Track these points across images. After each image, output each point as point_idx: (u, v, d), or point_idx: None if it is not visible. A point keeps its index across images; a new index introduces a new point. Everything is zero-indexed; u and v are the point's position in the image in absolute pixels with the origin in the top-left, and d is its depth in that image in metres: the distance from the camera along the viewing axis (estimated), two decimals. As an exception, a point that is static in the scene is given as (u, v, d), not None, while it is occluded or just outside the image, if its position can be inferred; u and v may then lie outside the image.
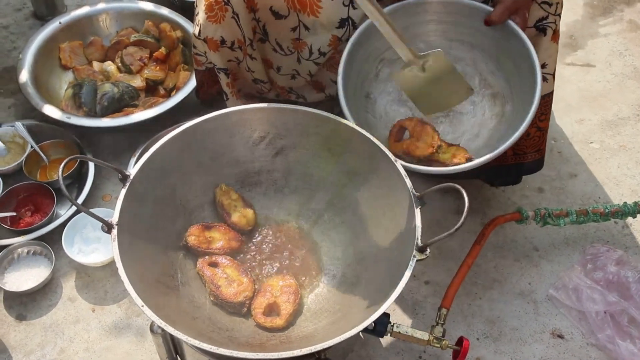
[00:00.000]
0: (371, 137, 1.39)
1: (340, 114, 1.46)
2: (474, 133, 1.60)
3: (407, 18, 1.58)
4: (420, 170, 1.44)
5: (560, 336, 1.68)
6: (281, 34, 1.60)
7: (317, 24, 1.56)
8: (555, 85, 1.64)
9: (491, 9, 1.52)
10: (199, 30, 1.59)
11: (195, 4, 1.62)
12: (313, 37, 1.59)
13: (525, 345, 1.66)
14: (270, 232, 1.52)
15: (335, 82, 1.73)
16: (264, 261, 1.48)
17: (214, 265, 1.41)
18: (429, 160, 1.53)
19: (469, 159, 1.51)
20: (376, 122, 1.62)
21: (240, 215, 1.48)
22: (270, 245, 1.50)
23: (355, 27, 1.56)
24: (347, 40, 1.58)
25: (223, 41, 1.60)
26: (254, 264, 1.47)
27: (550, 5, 1.52)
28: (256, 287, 1.41)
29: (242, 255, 1.48)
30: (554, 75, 1.60)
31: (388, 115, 1.64)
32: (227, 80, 1.72)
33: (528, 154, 1.71)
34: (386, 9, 1.54)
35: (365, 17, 1.54)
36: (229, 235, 1.46)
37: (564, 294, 1.71)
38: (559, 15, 1.55)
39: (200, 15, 1.57)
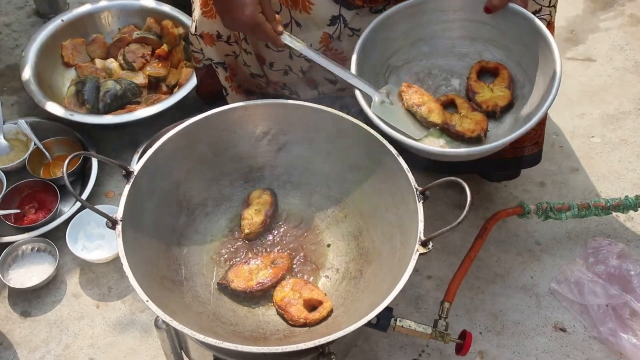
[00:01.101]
0: (374, 132, 1.39)
1: (341, 110, 1.46)
2: (497, 120, 1.59)
3: (407, 21, 1.58)
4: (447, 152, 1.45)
5: (563, 329, 1.68)
6: None
7: (308, 21, 1.56)
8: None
9: None
10: (195, 27, 1.62)
11: (191, 1, 1.64)
12: (305, 34, 1.59)
13: (527, 338, 1.67)
14: (274, 228, 1.52)
15: (329, 80, 1.74)
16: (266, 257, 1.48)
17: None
18: (456, 133, 1.53)
19: (485, 131, 1.52)
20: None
21: (250, 217, 1.49)
22: (273, 240, 1.51)
23: (346, 25, 1.57)
24: (339, 37, 1.59)
25: (219, 35, 1.62)
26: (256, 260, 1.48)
27: None
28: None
29: (244, 252, 1.49)
30: None
31: None
32: (225, 74, 1.73)
33: (526, 147, 1.72)
34: (382, 15, 1.54)
35: (357, 20, 1.57)
36: (270, 258, 1.45)
37: (566, 287, 1.71)
38: (554, 6, 1.54)
39: (196, 11, 1.59)
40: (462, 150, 1.46)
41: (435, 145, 1.53)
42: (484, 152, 1.44)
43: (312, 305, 1.37)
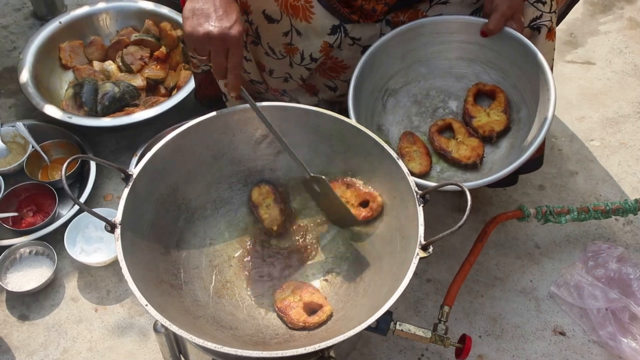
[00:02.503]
0: (373, 136, 1.39)
1: (340, 112, 1.46)
2: (493, 145, 1.60)
3: (405, 44, 1.59)
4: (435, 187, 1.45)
5: (562, 333, 1.68)
6: (273, 38, 1.60)
7: (309, 30, 1.56)
8: (555, 83, 1.64)
9: (485, 20, 1.53)
10: None
11: None
12: (305, 43, 1.59)
13: (527, 342, 1.66)
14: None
15: (329, 87, 1.74)
16: (267, 259, 1.48)
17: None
18: (452, 160, 1.55)
19: (481, 158, 1.52)
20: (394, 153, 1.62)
21: (267, 214, 1.49)
22: (273, 244, 1.50)
23: (347, 34, 1.57)
24: (339, 46, 1.59)
25: None
26: (258, 261, 1.47)
27: (544, 4, 1.52)
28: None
29: (243, 253, 1.48)
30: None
31: None
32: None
33: None
34: (379, 41, 1.55)
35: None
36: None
37: (566, 291, 1.71)
38: (555, 12, 1.55)
39: None
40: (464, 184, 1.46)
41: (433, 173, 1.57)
42: (483, 184, 1.46)
43: (312, 309, 1.36)
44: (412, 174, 1.50)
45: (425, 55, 1.64)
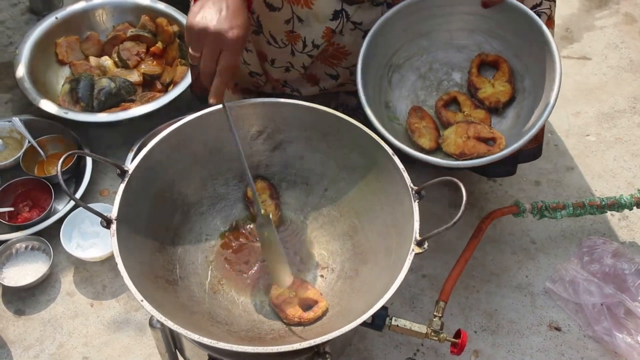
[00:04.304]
0: (369, 132, 1.39)
1: (337, 108, 1.46)
2: (499, 115, 1.59)
3: (404, 20, 1.59)
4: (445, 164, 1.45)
5: (558, 328, 1.68)
6: (275, 27, 1.60)
7: (310, 16, 1.55)
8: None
9: None
10: None
11: None
12: (306, 29, 1.58)
13: (522, 337, 1.67)
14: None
15: (330, 76, 1.74)
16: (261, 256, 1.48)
17: None
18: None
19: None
20: (403, 129, 1.61)
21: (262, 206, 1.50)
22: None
23: (348, 19, 1.57)
24: (341, 32, 1.58)
25: None
26: (254, 257, 1.48)
27: None
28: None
29: (239, 249, 1.48)
30: None
31: None
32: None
33: None
34: (381, 18, 1.55)
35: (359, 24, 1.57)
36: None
37: (561, 286, 1.71)
38: (554, 1, 1.55)
39: None
40: (468, 162, 1.46)
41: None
42: (491, 160, 1.44)
43: (307, 305, 1.36)
44: (422, 150, 1.49)
45: (426, 28, 1.63)
